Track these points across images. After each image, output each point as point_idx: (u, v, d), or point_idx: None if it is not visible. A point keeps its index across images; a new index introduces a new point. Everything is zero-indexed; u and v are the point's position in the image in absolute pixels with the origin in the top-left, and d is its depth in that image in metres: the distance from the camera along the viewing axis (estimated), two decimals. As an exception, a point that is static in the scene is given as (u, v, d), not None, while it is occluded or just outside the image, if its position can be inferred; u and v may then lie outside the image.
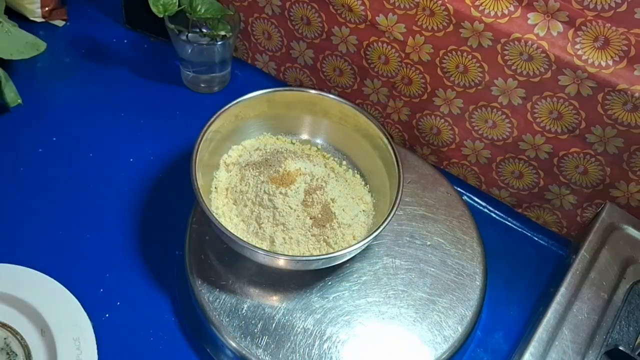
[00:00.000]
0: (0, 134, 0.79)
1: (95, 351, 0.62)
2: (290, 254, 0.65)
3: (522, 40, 0.66)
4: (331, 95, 0.74)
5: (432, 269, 0.71)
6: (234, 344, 0.63)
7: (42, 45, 0.83)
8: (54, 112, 0.82)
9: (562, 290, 0.68)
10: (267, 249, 0.65)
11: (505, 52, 0.68)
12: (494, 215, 0.82)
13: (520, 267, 0.77)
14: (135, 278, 0.70)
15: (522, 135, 0.74)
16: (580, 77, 0.65)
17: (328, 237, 0.67)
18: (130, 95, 0.85)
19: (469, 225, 0.75)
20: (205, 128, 0.68)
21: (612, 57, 0.64)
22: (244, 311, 0.65)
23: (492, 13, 0.67)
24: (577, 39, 0.65)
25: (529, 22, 0.66)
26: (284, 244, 0.66)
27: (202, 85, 0.87)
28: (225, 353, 0.64)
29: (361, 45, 0.77)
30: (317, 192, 0.69)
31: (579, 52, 0.65)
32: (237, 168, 0.72)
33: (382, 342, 0.65)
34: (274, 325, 0.64)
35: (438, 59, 0.73)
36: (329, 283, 0.68)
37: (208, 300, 0.65)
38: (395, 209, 0.65)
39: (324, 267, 0.66)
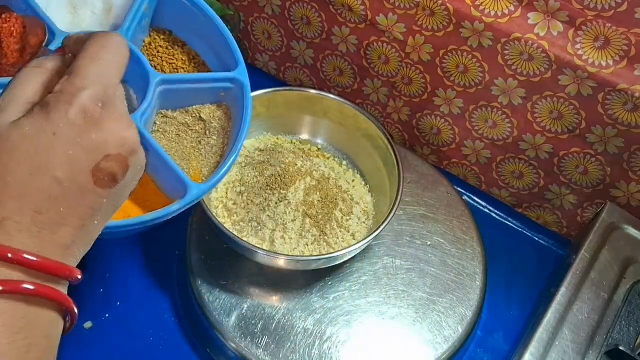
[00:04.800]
0: None
1: None
2: (291, 254, 0.65)
3: (523, 40, 0.66)
4: (331, 95, 0.74)
5: (433, 269, 0.71)
6: (234, 344, 0.63)
7: None
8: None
9: (563, 290, 0.67)
10: (267, 249, 0.65)
11: (506, 52, 0.68)
12: (494, 215, 0.82)
13: (521, 267, 0.77)
14: (135, 278, 0.70)
15: (523, 135, 0.74)
16: (581, 77, 0.65)
17: (328, 237, 0.67)
18: (130, 95, 0.85)
19: (469, 225, 0.75)
20: (205, 128, 0.68)
21: (612, 57, 0.64)
22: (244, 311, 0.65)
23: (493, 13, 0.66)
24: (578, 39, 0.65)
25: (529, 22, 0.66)
26: (284, 244, 0.66)
27: (202, 85, 0.87)
28: (225, 353, 0.64)
29: (361, 45, 0.77)
30: (317, 192, 0.69)
31: (580, 52, 0.65)
32: (237, 168, 0.72)
33: (382, 343, 0.65)
34: (274, 325, 0.64)
35: (438, 58, 0.73)
36: (329, 283, 0.68)
37: (208, 300, 0.65)
38: (395, 209, 0.65)
39: (324, 267, 0.66)
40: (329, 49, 0.81)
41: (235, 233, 0.64)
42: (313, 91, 0.75)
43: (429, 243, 0.73)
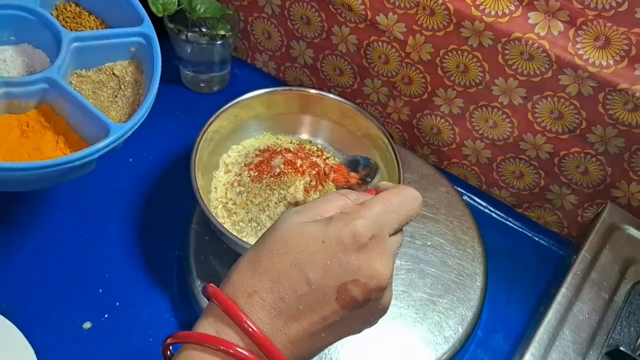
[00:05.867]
0: None
1: None
2: (290, 254, 0.65)
3: (523, 40, 0.66)
4: (331, 95, 0.74)
5: (433, 270, 0.71)
6: (233, 345, 0.63)
7: None
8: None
9: (563, 290, 0.67)
10: (267, 249, 0.65)
11: (506, 52, 0.68)
12: (494, 216, 0.82)
13: (521, 268, 0.77)
14: (134, 278, 0.69)
15: (523, 135, 0.73)
16: (581, 77, 0.65)
17: (328, 237, 0.66)
18: (129, 95, 0.85)
19: (470, 226, 0.75)
20: (204, 128, 0.68)
21: (612, 56, 0.64)
22: (243, 311, 0.65)
23: (493, 12, 0.66)
24: (578, 39, 0.65)
25: (530, 21, 0.66)
26: (284, 244, 0.65)
27: (202, 84, 0.87)
28: (224, 353, 0.64)
29: (361, 45, 0.77)
30: (317, 192, 0.68)
31: (580, 52, 0.64)
32: (237, 168, 0.72)
33: (382, 343, 0.65)
34: (273, 325, 0.64)
35: (438, 58, 0.73)
36: (329, 283, 0.68)
37: (208, 301, 0.65)
38: (395, 209, 0.65)
39: (324, 267, 0.66)
40: (328, 49, 0.81)
41: (235, 233, 0.64)
42: (313, 91, 0.75)
43: (429, 243, 0.73)
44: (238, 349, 0.37)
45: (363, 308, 0.39)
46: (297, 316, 0.38)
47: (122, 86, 0.61)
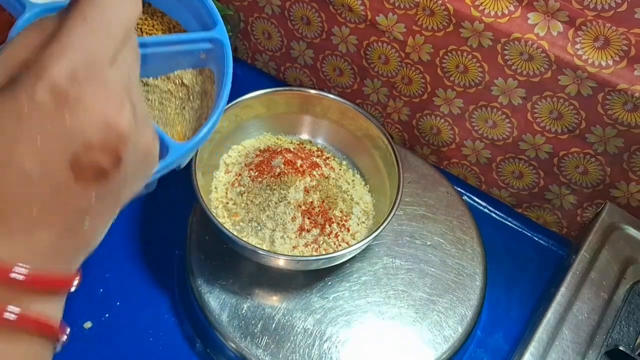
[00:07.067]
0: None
1: None
2: (290, 254, 0.65)
3: (522, 40, 0.66)
4: (331, 95, 0.74)
5: (432, 269, 0.71)
6: (233, 344, 0.63)
7: None
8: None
9: (562, 290, 0.67)
10: (267, 249, 0.65)
11: (506, 52, 0.68)
12: (494, 215, 0.82)
13: (521, 267, 0.77)
14: (135, 278, 0.70)
15: (522, 135, 0.74)
16: (581, 77, 0.65)
17: (328, 237, 0.67)
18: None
19: (469, 225, 0.75)
20: (205, 128, 0.68)
21: (612, 57, 0.64)
22: (243, 311, 0.65)
23: (492, 13, 0.66)
24: (577, 39, 0.65)
25: (529, 22, 0.66)
26: (284, 244, 0.66)
27: (202, 85, 0.87)
28: (225, 353, 0.64)
29: (361, 45, 0.77)
30: (317, 192, 0.69)
31: (579, 52, 0.65)
32: (237, 168, 0.72)
33: (382, 342, 0.65)
34: (273, 325, 0.64)
35: (438, 58, 0.73)
36: (329, 283, 0.68)
37: (208, 300, 0.65)
38: (395, 209, 0.65)
39: (324, 267, 0.66)
40: (328, 49, 0.81)
41: (235, 233, 0.64)
42: (313, 91, 0.75)
43: (428, 243, 0.73)
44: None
45: (120, 172, 0.30)
46: (38, 222, 0.28)
47: (191, 97, 0.57)
